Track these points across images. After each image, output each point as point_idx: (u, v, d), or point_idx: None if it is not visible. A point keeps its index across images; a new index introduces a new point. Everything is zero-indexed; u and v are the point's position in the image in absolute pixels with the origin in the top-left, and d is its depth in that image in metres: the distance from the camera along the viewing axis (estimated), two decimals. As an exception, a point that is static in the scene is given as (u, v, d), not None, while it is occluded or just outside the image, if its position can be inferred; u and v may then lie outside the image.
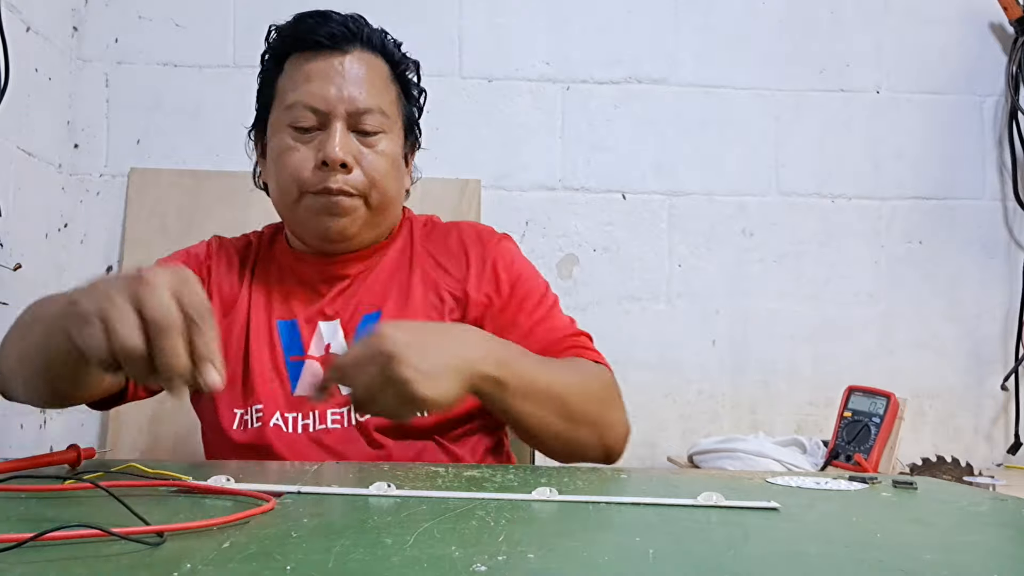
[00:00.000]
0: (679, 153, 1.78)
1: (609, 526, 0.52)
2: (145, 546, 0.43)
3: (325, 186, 0.97)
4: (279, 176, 1.01)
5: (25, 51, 1.43)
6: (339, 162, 0.97)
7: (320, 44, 1.00)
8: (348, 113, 0.99)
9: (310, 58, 1.01)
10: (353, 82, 1.00)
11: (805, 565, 0.43)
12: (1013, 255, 1.82)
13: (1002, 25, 1.82)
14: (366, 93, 1.00)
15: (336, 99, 0.98)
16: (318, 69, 1.00)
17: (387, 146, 1.02)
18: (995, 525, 0.48)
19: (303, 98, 0.99)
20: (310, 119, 0.99)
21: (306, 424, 0.98)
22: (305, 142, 0.99)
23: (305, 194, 0.99)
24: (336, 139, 0.97)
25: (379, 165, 1.00)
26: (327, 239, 1.02)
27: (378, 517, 0.52)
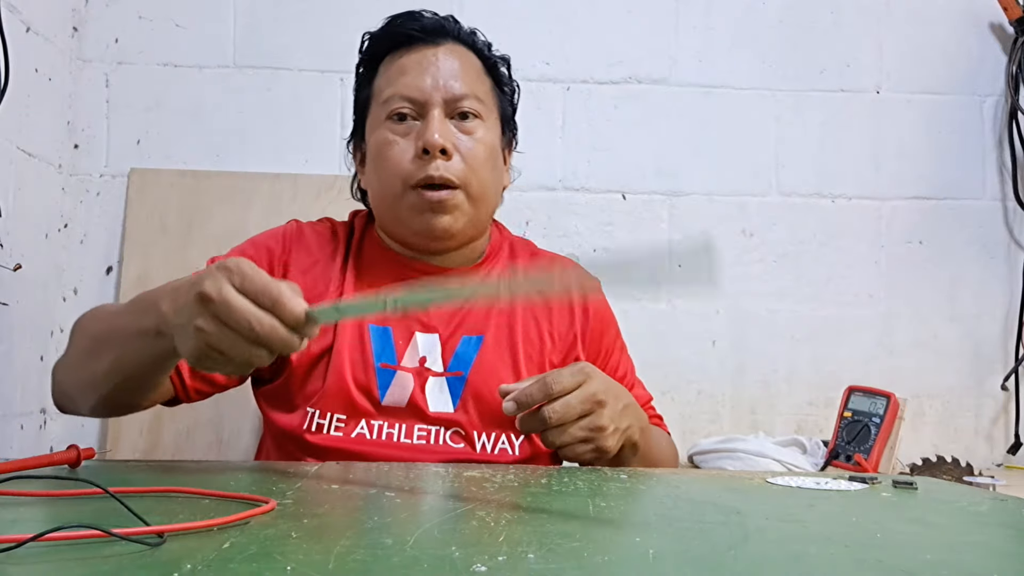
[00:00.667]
0: (679, 153, 1.78)
1: (609, 526, 0.52)
2: (145, 546, 0.43)
3: (427, 175, 0.96)
4: (380, 171, 1.00)
5: (25, 51, 1.43)
6: (439, 147, 0.96)
7: (413, 38, 1.02)
8: (444, 100, 0.99)
9: (404, 53, 1.02)
10: (447, 71, 1.01)
11: (805, 565, 0.43)
12: (1013, 255, 1.82)
13: (1002, 25, 1.82)
14: (461, 81, 1.01)
15: (431, 87, 0.99)
16: (412, 61, 1.01)
17: (484, 134, 1.02)
18: (995, 525, 0.48)
19: (399, 90, 0.99)
20: (407, 108, 0.99)
21: (391, 433, 0.96)
22: (403, 134, 0.99)
23: (408, 190, 0.98)
24: (434, 125, 0.97)
25: (478, 151, 1.00)
26: (431, 237, 1.01)
27: (378, 517, 0.52)
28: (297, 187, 1.62)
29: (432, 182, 0.97)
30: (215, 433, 1.53)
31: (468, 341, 1.02)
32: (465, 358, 1.01)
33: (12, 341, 1.42)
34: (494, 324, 1.03)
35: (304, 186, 1.62)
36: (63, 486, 0.62)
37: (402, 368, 0.99)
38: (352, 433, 0.95)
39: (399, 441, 0.96)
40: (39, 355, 1.53)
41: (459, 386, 1.00)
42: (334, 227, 1.10)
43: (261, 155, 1.66)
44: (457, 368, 1.00)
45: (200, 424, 1.53)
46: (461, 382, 1.00)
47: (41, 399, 1.55)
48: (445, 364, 1.00)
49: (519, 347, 1.03)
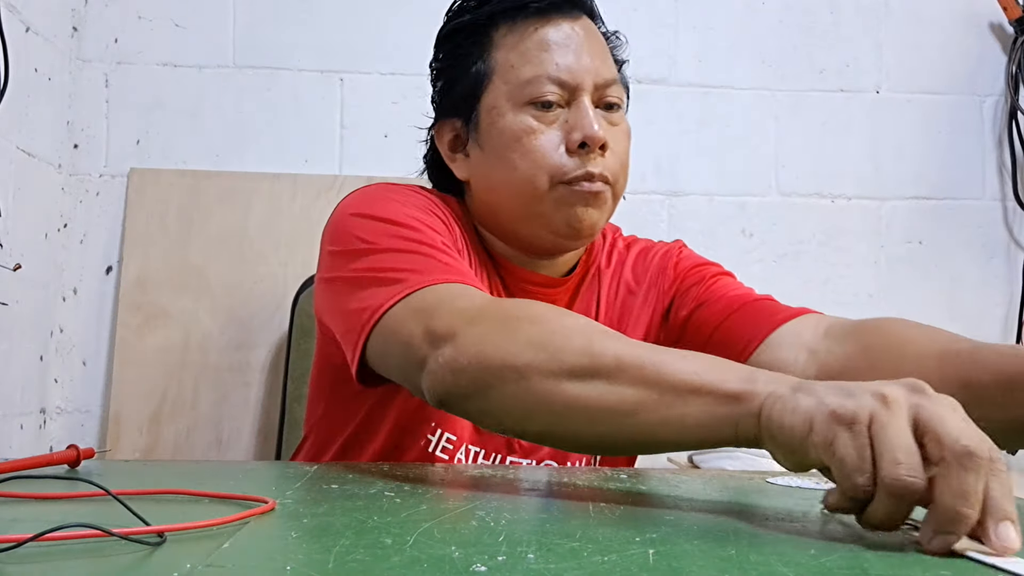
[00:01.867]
0: (679, 153, 1.78)
1: (609, 526, 0.52)
2: (145, 546, 0.43)
3: (586, 171, 0.86)
4: (519, 162, 0.87)
5: (25, 51, 1.43)
6: (600, 142, 0.86)
7: (550, 8, 0.89)
8: (595, 85, 0.88)
9: (540, 24, 0.88)
10: (594, 50, 0.90)
11: (805, 565, 0.43)
12: (1013, 255, 1.82)
13: (1002, 25, 1.82)
14: (607, 62, 0.91)
15: (583, 70, 0.87)
16: (556, 37, 0.88)
17: (626, 125, 0.93)
18: (995, 525, 0.48)
19: (548, 70, 0.86)
20: (555, 93, 0.87)
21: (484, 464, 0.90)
22: (549, 122, 0.87)
23: (557, 185, 0.86)
24: (592, 118, 0.86)
25: (625, 146, 0.91)
26: (575, 233, 0.89)
27: (378, 517, 0.52)
28: (297, 187, 1.62)
29: (591, 178, 0.86)
30: (215, 433, 1.53)
31: None
32: None
33: (12, 341, 1.42)
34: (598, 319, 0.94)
35: (304, 186, 1.62)
36: (63, 486, 0.62)
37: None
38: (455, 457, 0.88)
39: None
40: (39, 355, 1.53)
41: None
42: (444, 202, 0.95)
43: (261, 155, 1.66)
44: None
45: (200, 424, 1.53)
46: None
47: (41, 399, 1.55)
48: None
49: None
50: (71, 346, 1.61)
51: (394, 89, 1.67)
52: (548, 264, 0.96)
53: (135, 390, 1.52)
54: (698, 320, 0.96)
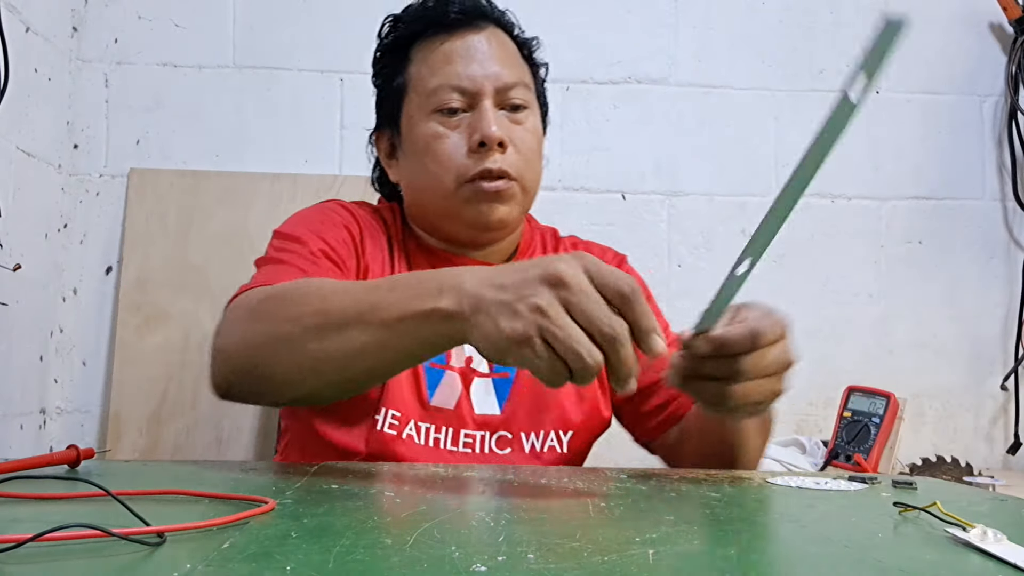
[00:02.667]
0: (678, 153, 1.78)
1: (609, 526, 0.52)
2: (145, 546, 0.43)
3: (484, 168, 0.93)
4: (429, 166, 0.96)
5: (25, 51, 1.43)
6: (497, 140, 0.93)
7: (455, 22, 0.97)
8: (496, 90, 0.96)
9: (444, 39, 0.97)
10: (495, 58, 0.97)
11: (805, 565, 0.43)
12: (1013, 255, 1.82)
13: (1002, 25, 1.82)
14: (509, 67, 0.97)
15: (483, 76, 0.95)
16: (458, 48, 0.97)
17: (533, 122, 0.99)
18: (995, 525, 0.48)
19: (448, 80, 0.95)
20: (458, 100, 0.95)
21: (437, 439, 0.93)
22: (453, 127, 0.95)
23: (463, 184, 0.94)
24: (490, 118, 0.94)
25: (531, 143, 0.98)
26: (486, 227, 0.98)
27: (378, 517, 0.52)
28: (297, 187, 1.62)
29: (490, 175, 0.94)
30: (215, 433, 1.53)
31: None
32: None
33: (12, 341, 1.42)
34: None
35: (304, 186, 1.62)
36: (63, 486, 0.62)
37: (450, 368, 0.95)
38: (403, 433, 0.92)
39: (445, 448, 0.93)
40: (39, 355, 1.53)
41: (506, 387, 0.97)
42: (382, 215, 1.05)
43: (261, 155, 1.66)
44: (503, 369, 0.96)
45: (200, 424, 1.53)
46: (508, 383, 0.97)
47: (41, 399, 1.55)
48: (491, 364, 0.96)
49: None
50: (71, 346, 1.61)
51: (394, 89, 1.67)
52: (483, 254, 1.03)
53: (135, 390, 1.52)
54: None
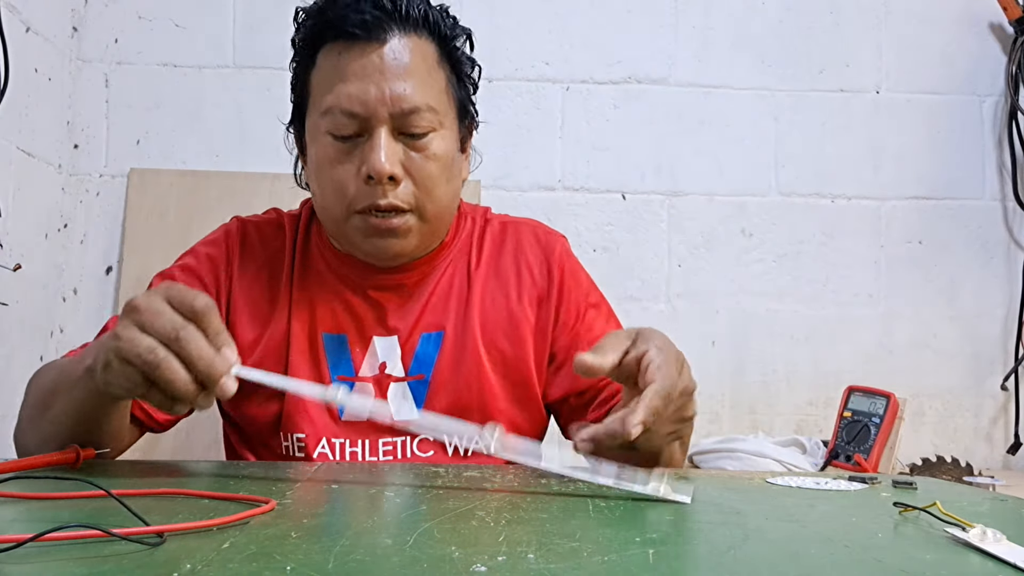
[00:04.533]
0: (679, 153, 1.78)
1: (609, 526, 0.52)
2: (145, 546, 0.43)
3: (373, 203, 0.87)
4: (322, 191, 0.91)
5: (25, 51, 1.43)
6: (386, 175, 0.86)
7: (354, 35, 0.87)
8: (392, 115, 0.86)
9: (343, 51, 0.87)
10: (395, 77, 0.86)
11: (805, 565, 0.43)
12: (1013, 255, 1.82)
13: (1002, 25, 1.82)
14: (411, 88, 0.87)
15: (377, 101, 0.86)
16: (354, 65, 0.86)
17: (439, 146, 0.89)
18: (995, 525, 0.48)
19: (340, 102, 0.86)
20: (350, 126, 0.87)
21: (354, 452, 0.91)
22: (346, 152, 0.88)
23: (354, 214, 0.89)
24: (381, 149, 0.85)
25: (431, 171, 0.89)
26: (381, 260, 0.93)
27: (378, 517, 0.52)
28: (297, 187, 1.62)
29: (380, 209, 0.87)
30: (215, 433, 1.53)
31: (428, 339, 0.94)
32: (426, 359, 0.94)
33: (12, 341, 1.42)
34: (453, 314, 0.95)
35: (304, 186, 1.62)
36: (62, 486, 0.62)
37: (360, 379, 0.93)
38: (314, 453, 0.90)
39: (364, 460, 0.90)
40: (39, 355, 1.53)
41: (423, 389, 0.93)
42: (281, 219, 1.02)
43: (261, 155, 1.66)
44: (419, 371, 0.94)
45: (199, 424, 1.53)
46: (424, 385, 0.94)
47: (41, 399, 1.55)
48: (406, 368, 0.93)
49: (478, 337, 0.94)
50: (71, 346, 1.61)
51: (394, 89, 1.67)
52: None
53: (135, 390, 1.52)
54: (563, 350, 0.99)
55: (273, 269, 0.97)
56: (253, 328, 0.94)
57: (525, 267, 0.99)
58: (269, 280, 0.96)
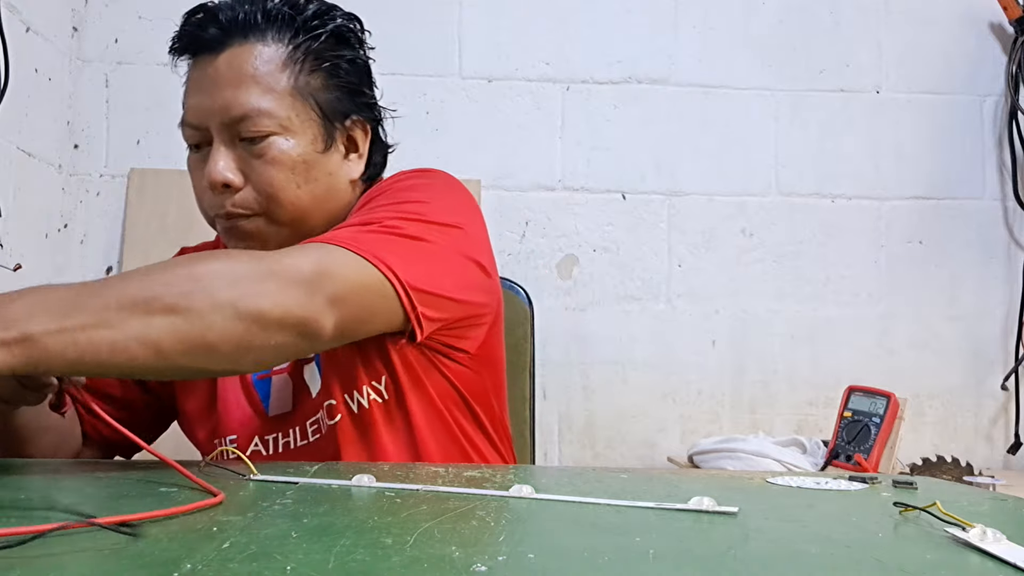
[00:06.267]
0: (679, 153, 1.78)
1: (609, 526, 0.52)
2: (144, 546, 0.43)
3: (221, 211, 0.89)
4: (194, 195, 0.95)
5: (25, 51, 1.43)
6: (219, 184, 0.87)
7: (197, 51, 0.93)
8: (223, 124, 0.88)
9: (192, 65, 0.95)
10: (226, 85, 0.88)
11: (805, 565, 0.43)
12: (1013, 255, 1.82)
13: (1002, 25, 1.82)
14: (241, 95, 0.88)
15: (207, 111, 0.89)
16: (195, 79, 0.93)
17: (282, 148, 0.88)
18: (995, 525, 0.48)
19: (185, 115, 0.93)
20: (194, 136, 0.92)
21: (287, 442, 0.91)
22: (199, 162, 0.92)
23: (215, 218, 0.91)
24: (215, 158, 0.88)
25: (271, 176, 0.88)
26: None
27: (378, 517, 0.52)
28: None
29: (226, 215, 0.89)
30: (215, 433, 1.53)
31: None
32: None
33: (12, 341, 1.42)
34: None
35: (304, 186, 1.62)
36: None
37: (276, 373, 0.93)
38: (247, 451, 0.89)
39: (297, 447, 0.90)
40: (39, 355, 1.53)
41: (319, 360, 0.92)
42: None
43: (261, 155, 1.66)
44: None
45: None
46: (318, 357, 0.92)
47: (41, 399, 1.55)
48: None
49: None
50: (71, 346, 1.61)
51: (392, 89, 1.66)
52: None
53: (135, 390, 1.52)
54: None
55: None
56: None
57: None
58: None
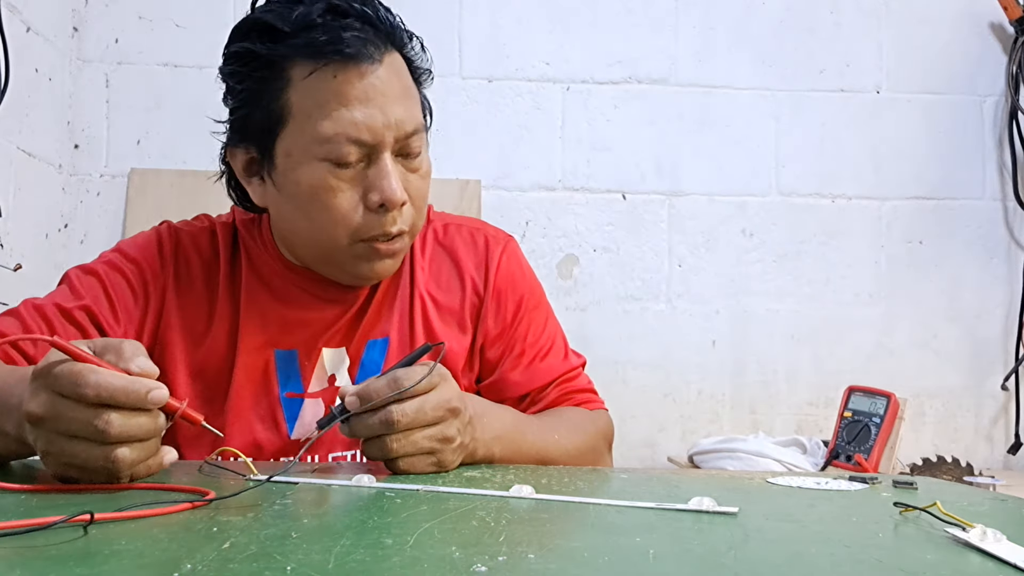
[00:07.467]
0: (679, 153, 1.78)
1: (609, 526, 0.52)
2: (144, 546, 0.43)
3: (384, 231, 0.84)
4: (315, 220, 0.85)
5: (25, 51, 1.43)
6: (401, 203, 0.83)
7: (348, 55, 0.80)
8: (396, 140, 0.83)
9: (338, 70, 0.81)
10: (396, 99, 0.83)
11: (805, 565, 0.43)
12: (1013, 255, 1.82)
13: (1002, 25, 1.82)
14: (409, 110, 0.84)
15: (384, 126, 0.82)
16: (355, 88, 0.81)
17: (427, 163, 0.88)
18: (995, 525, 0.48)
19: (345, 129, 0.80)
20: (355, 154, 0.82)
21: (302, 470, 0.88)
22: (348, 179, 0.83)
23: (357, 242, 0.85)
24: (392, 175, 0.82)
25: (424, 190, 0.88)
26: (373, 280, 0.91)
27: (378, 517, 0.52)
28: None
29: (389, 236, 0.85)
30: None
31: (373, 346, 0.92)
32: (372, 367, 0.92)
33: (12, 341, 1.42)
34: (397, 320, 0.93)
35: (304, 186, 1.62)
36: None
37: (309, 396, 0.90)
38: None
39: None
40: (39, 355, 1.53)
41: None
42: (213, 227, 0.97)
43: (261, 155, 1.66)
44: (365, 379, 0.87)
45: (200, 424, 1.53)
46: None
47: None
48: (353, 378, 0.91)
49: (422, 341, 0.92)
50: (71, 346, 1.61)
51: (394, 89, 1.67)
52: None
53: (135, 390, 1.52)
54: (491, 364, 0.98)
55: (208, 282, 0.92)
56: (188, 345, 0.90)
57: (465, 272, 0.97)
58: (204, 293, 0.91)
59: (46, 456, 0.60)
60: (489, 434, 0.79)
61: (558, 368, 0.97)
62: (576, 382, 0.98)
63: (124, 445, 0.59)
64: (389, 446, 0.70)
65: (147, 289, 0.90)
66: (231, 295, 0.91)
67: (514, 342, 0.96)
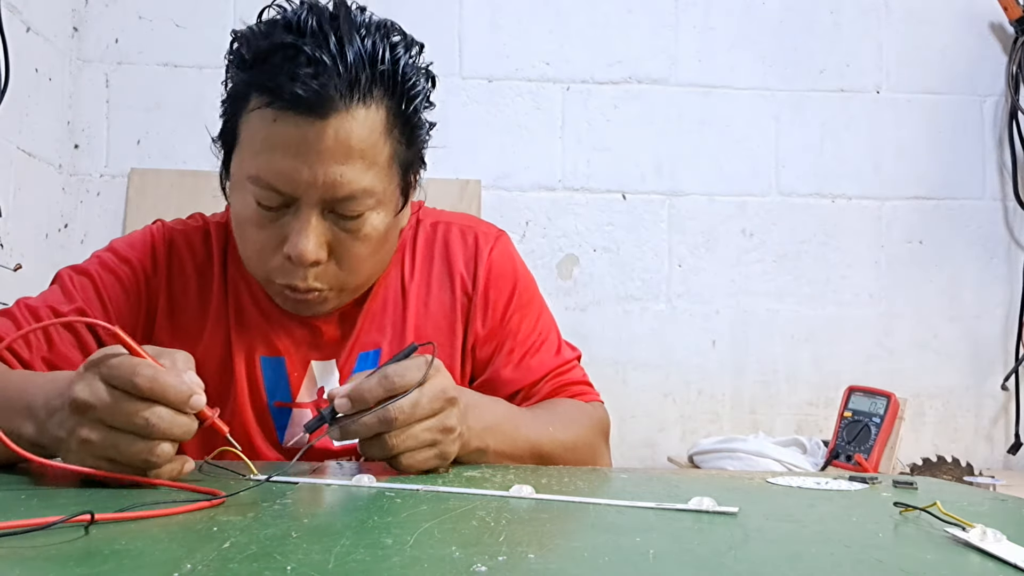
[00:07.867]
0: (679, 153, 1.78)
1: (610, 526, 0.52)
2: (143, 546, 0.43)
3: (290, 283, 0.81)
4: (242, 245, 0.84)
5: (25, 51, 1.43)
6: (307, 263, 0.78)
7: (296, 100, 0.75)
8: (323, 200, 0.78)
9: (278, 115, 0.76)
10: (332, 160, 0.76)
11: (805, 565, 0.43)
12: (1013, 255, 1.82)
13: (1002, 25, 1.82)
14: (350, 173, 0.77)
15: (308, 183, 0.76)
16: (286, 139, 0.76)
17: (374, 224, 0.81)
18: (995, 525, 0.48)
19: (265, 174, 0.77)
20: (275, 199, 0.78)
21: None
22: (270, 220, 0.80)
23: (269, 281, 0.83)
24: (306, 233, 0.78)
25: (359, 252, 0.82)
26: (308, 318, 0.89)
27: (378, 517, 0.52)
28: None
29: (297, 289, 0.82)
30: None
31: (365, 358, 0.90)
32: None
33: (12, 341, 1.42)
34: (389, 330, 0.91)
35: (304, 186, 1.62)
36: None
37: (298, 406, 0.89)
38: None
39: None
40: (39, 355, 1.53)
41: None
42: (207, 227, 0.96)
43: (261, 155, 1.66)
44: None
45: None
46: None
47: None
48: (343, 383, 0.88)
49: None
50: (71, 346, 1.61)
51: (394, 89, 1.67)
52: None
53: (135, 390, 1.52)
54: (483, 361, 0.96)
55: (202, 283, 0.91)
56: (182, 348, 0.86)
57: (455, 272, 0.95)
58: (198, 295, 0.90)
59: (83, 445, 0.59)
60: (481, 424, 0.77)
61: (550, 363, 0.95)
62: (570, 375, 0.96)
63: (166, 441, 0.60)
64: (389, 443, 0.68)
65: (140, 291, 0.89)
66: (224, 297, 0.90)
67: (505, 339, 0.94)
